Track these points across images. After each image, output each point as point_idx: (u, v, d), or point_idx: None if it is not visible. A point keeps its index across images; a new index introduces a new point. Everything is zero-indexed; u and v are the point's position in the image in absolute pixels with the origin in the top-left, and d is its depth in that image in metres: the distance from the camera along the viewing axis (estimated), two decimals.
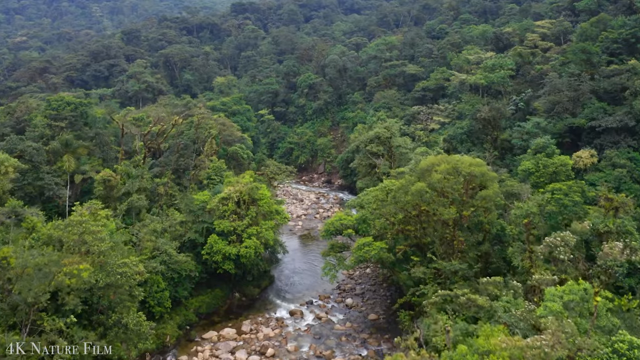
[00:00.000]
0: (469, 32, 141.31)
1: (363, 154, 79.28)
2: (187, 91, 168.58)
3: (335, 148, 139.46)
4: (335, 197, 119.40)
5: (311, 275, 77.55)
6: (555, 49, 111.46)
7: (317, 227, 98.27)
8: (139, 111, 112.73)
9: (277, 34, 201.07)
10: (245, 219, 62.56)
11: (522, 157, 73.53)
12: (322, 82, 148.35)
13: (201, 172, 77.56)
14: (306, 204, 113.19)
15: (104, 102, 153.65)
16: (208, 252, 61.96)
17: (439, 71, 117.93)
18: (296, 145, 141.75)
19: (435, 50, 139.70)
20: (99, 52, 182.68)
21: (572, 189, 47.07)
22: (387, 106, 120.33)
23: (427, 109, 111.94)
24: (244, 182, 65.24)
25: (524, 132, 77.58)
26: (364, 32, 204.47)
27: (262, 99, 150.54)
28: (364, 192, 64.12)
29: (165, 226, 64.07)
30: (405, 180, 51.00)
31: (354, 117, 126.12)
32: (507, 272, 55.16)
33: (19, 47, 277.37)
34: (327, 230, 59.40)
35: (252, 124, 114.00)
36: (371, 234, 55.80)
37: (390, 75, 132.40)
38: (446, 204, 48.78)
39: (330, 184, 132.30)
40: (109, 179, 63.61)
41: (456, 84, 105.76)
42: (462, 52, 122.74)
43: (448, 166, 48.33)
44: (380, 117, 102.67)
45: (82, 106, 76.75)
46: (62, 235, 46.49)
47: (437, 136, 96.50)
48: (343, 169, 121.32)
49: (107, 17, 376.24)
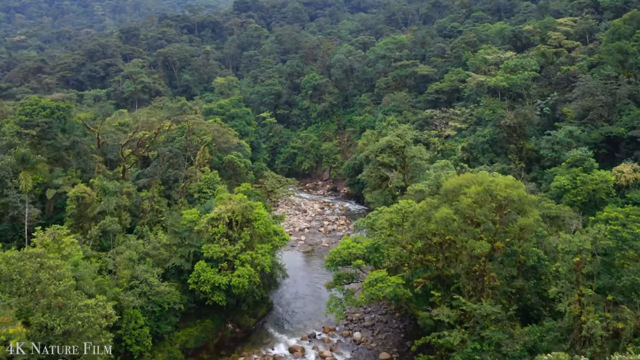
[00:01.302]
0: (484, 31, 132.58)
1: (373, 165, 70.91)
2: (186, 92, 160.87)
3: (341, 153, 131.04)
4: (342, 207, 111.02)
5: (314, 301, 69.21)
6: (580, 49, 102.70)
7: (321, 242, 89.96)
8: (132, 114, 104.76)
9: (281, 33, 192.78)
10: (238, 243, 54.29)
11: (553, 171, 64.97)
12: (328, 83, 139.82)
13: (192, 184, 69.34)
14: (310, 215, 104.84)
15: (99, 104, 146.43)
16: (195, 281, 53.74)
17: (454, 72, 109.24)
18: (300, 150, 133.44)
19: (448, 50, 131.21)
20: (95, 51, 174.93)
21: (630, 218, 38.66)
22: (397, 109, 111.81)
23: (441, 113, 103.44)
24: (237, 199, 56.93)
25: (555, 142, 68.95)
26: (371, 30, 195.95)
27: (264, 100, 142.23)
28: (375, 212, 55.75)
29: (147, 249, 55.98)
30: (427, 204, 42.63)
31: (361, 120, 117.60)
32: (543, 308, 46.81)
33: (18, 46, 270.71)
34: (332, 260, 50.94)
35: (252, 128, 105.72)
36: (384, 266, 47.40)
37: (401, 76, 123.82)
38: (477, 234, 40.39)
39: (336, 192, 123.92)
40: (82, 195, 55.47)
41: (473, 86, 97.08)
42: (479, 52, 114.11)
43: (479, 189, 39.91)
44: (391, 122, 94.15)
45: (59, 111, 68.68)
46: (12, 271, 38.34)
47: (453, 143, 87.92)
48: (350, 176, 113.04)
49: (109, 15, 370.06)
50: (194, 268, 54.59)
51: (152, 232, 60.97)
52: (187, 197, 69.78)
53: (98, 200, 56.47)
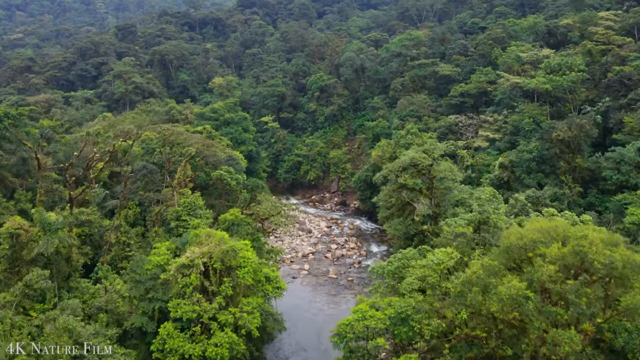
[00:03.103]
0: (512, 26, 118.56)
1: (392, 186, 57.37)
2: (183, 93, 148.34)
3: (351, 162, 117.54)
4: (352, 226, 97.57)
5: (321, 356, 56.02)
6: (629, 46, 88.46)
7: (328, 273, 76.60)
8: (117, 118, 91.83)
9: (287, 30, 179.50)
10: (216, 299, 41.04)
11: (622, 199, 51.13)
12: (336, 84, 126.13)
13: (169, 209, 56.21)
14: (315, 236, 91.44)
15: (89, 106, 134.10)
16: (159, 348, 40.55)
17: (482, 72, 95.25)
18: (305, 159, 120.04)
19: (471, 47, 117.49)
20: (87, 49, 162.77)
21: None
22: (416, 114, 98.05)
23: (467, 120, 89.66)
24: (217, 238, 43.63)
25: (621, 161, 55.04)
26: (383, 28, 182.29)
27: (267, 103, 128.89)
28: (398, 257, 42.30)
29: (101, 303, 42.96)
30: (483, 268, 29.27)
31: (374, 127, 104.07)
32: None
33: (15, 44, 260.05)
34: (341, 336, 37.34)
35: (250, 136, 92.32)
36: (416, 346, 34.09)
37: (419, 76, 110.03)
38: (560, 317, 26.98)
39: (345, 206, 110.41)
40: (17, 232, 42.49)
41: (506, 89, 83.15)
42: (508, 49, 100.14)
43: (564, 250, 26.59)
44: (410, 130, 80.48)
45: (8, 119, 55.87)
46: None
47: (485, 157, 74.07)
48: (361, 190, 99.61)
49: (112, 13, 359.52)
50: (158, 330, 41.41)
51: (112, 275, 47.94)
52: (164, 226, 56.63)
53: (38, 238, 43.42)
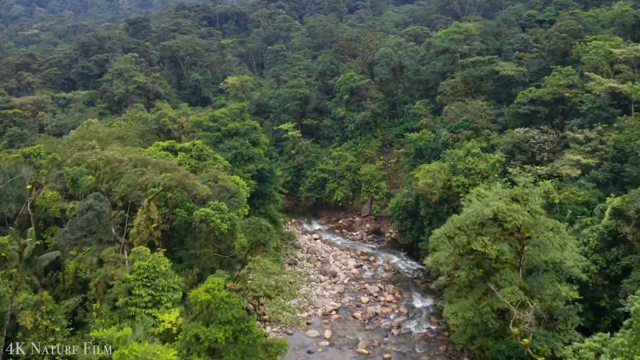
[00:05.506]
0: (587, 17, 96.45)
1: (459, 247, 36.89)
2: (195, 94, 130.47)
3: (386, 180, 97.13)
4: (387, 265, 77.21)
5: None
6: None
7: (357, 344, 56.38)
8: (90, 128, 73.22)
9: (314, 24, 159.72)
10: None
11: None
12: (370, 85, 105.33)
13: (117, 274, 36.91)
14: (341, 281, 71.42)
15: (91, 108, 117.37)
16: None
17: (561, 73, 73.51)
18: (331, 175, 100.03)
19: (532, 42, 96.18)
20: (90, 44, 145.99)
21: None
22: (471, 126, 77.07)
23: (540, 135, 68.35)
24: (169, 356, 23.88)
25: None
26: (422, 22, 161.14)
27: (287, 107, 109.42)
28: None
29: None
30: None
31: (417, 139, 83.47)
32: None
33: (30, 40, 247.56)
34: None
35: (261, 151, 72.28)
36: None
37: (474, 77, 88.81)
38: None
39: (379, 235, 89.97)
40: None
41: (601, 96, 61.65)
42: (590, 44, 78.36)
43: None
44: (472, 150, 59.72)
45: None
46: None
47: (579, 192, 52.66)
48: (399, 219, 79.46)
49: (136, 10, 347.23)
50: None
51: None
52: (111, 302, 37.34)
53: None
